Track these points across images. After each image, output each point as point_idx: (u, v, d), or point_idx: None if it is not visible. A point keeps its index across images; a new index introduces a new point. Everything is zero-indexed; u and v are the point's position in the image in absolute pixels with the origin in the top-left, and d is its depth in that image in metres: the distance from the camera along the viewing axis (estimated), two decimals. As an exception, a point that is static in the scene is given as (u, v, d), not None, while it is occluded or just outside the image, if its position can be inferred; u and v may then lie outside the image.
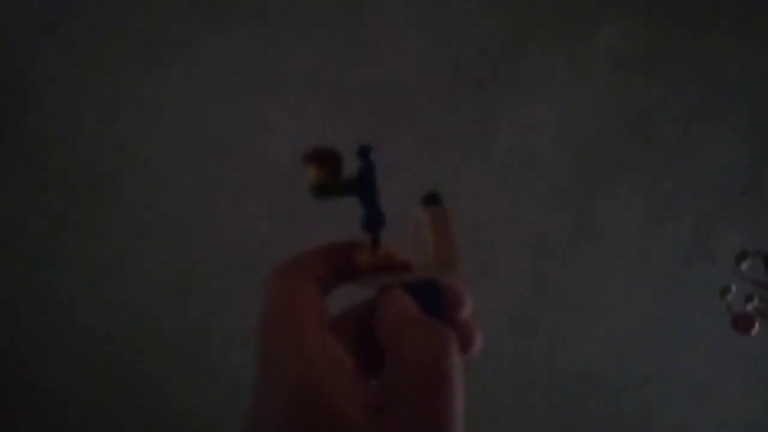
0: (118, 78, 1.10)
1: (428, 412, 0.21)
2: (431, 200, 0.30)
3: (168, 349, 1.23)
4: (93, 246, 1.17)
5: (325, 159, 0.28)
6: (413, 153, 1.12)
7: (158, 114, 1.12)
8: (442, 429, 0.21)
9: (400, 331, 0.25)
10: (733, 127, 1.12)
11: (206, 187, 1.15)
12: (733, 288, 0.80)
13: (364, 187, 0.28)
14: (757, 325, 0.75)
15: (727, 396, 1.24)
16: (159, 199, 1.16)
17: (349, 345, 0.28)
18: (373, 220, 0.29)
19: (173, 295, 1.20)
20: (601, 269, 1.18)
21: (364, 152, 0.29)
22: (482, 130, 1.12)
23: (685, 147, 1.13)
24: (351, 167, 0.29)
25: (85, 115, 1.11)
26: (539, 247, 1.17)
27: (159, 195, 1.15)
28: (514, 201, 1.15)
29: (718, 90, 1.11)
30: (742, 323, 0.76)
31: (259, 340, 0.24)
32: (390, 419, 0.21)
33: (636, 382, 1.24)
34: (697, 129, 1.12)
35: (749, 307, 0.78)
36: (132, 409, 1.26)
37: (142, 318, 1.21)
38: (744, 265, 0.79)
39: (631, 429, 1.26)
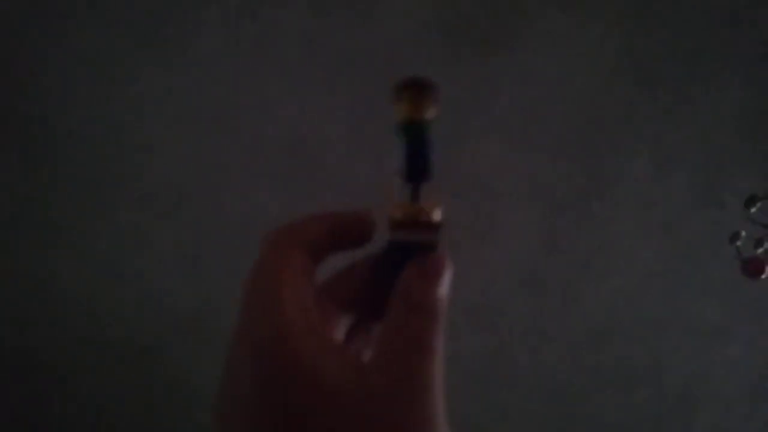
0: (118, 61, 1.09)
1: (409, 375, 0.22)
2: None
3: (178, 328, 1.25)
4: (98, 227, 1.18)
5: (421, 91, 0.26)
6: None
7: (156, 91, 1.11)
8: (420, 390, 0.21)
9: (399, 305, 0.24)
10: (738, 68, 1.09)
11: (208, 165, 1.15)
12: (743, 233, 0.79)
13: (419, 131, 0.26)
14: (767, 268, 0.75)
15: (739, 341, 1.25)
16: (161, 178, 1.16)
17: (347, 304, 0.28)
18: (423, 172, 0.27)
19: (181, 274, 1.21)
20: (610, 221, 1.18)
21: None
22: (483, 86, 1.10)
23: (689, 91, 1.10)
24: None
25: (84, 94, 1.11)
26: (547, 202, 1.16)
27: (161, 173, 1.15)
28: (519, 157, 1.14)
29: (720, 30, 1.08)
30: (752, 267, 0.76)
31: (240, 297, 0.24)
32: (368, 378, 0.21)
33: (647, 332, 1.25)
34: (702, 72, 1.10)
35: (759, 250, 0.77)
36: (143, 387, 1.29)
37: (151, 298, 1.22)
38: (753, 209, 0.78)
39: (643, 378, 1.28)
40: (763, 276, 0.76)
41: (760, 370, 1.27)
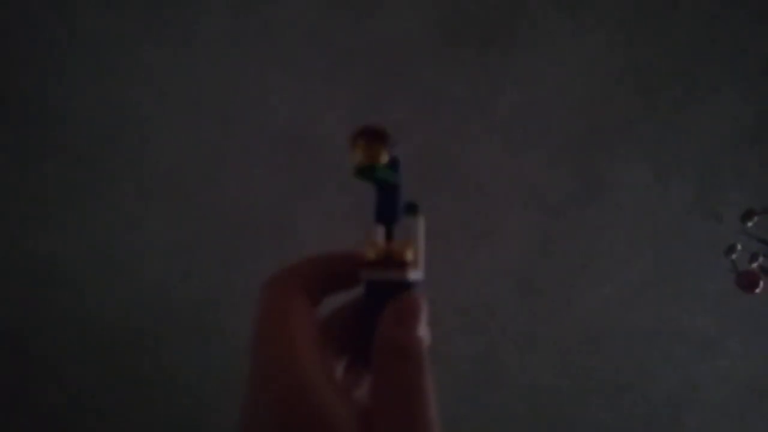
0: (117, 44, 1.08)
1: (407, 422, 0.23)
2: (409, 210, 0.29)
3: (171, 316, 1.24)
4: (95, 212, 1.18)
5: (374, 138, 0.27)
6: (415, 113, 1.10)
7: (158, 78, 1.10)
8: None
9: (384, 353, 0.25)
10: (739, 80, 1.09)
11: (208, 152, 1.14)
12: (739, 246, 0.79)
13: (372, 175, 0.27)
14: (761, 283, 0.75)
15: (729, 352, 1.25)
16: (160, 164, 1.15)
17: (341, 343, 0.29)
18: (389, 214, 0.29)
19: (178, 259, 1.20)
20: (605, 228, 1.18)
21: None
22: (484, 88, 1.10)
23: (689, 102, 1.10)
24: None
25: (86, 81, 1.10)
26: (543, 206, 1.16)
27: (160, 160, 1.15)
28: (517, 160, 1.14)
29: (721, 44, 1.08)
30: (746, 281, 0.76)
31: (251, 358, 0.25)
32: (375, 429, 0.23)
33: (638, 339, 1.25)
34: (702, 82, 1.10)
35: (754, 264, 0.78)
36: (138, 374, 1.29)
37: (146, 281, 1.22)
38: (750, 224, 0.78)
39: (634, 385, 1.28)
40: (757, 290, 0.76)
41: (747, 381, 1.27)
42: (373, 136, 0.27)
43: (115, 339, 1.26)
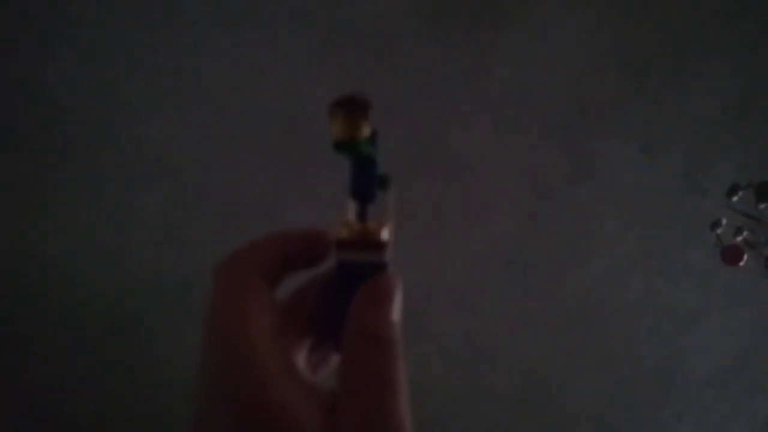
0: (101, 27, 1.06)
1: (376, 417, 0.22)
2: (382, 184, 0.28)
3: (161, 301, 1.25)
4: (84, 196, 1.17)
5: (355, 109, 0.25)
6: (404, 93, 1.10)
7: (143, 61, 1.09)
8: (390, 428, 0.22)
9: (356, 340, 0.24)
10: (727, 56, 1.10)
11: (196, 135, 1.13)
12: (724, 220, 0.81)
13: (353, 149, 0.26)
14: (745, 256, 0.76)
15: (714, 326, 1.28)
16: (148, 148, 1.14)
17: (306, 323, 0.27)
18: (366, 191, 0.27)
19: (167, 244, 1.20)
20: (594, 205, 1.19)
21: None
22: (473, 67, 1.10)
23: (677, 78, 1.11)
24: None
25: (70, 65, 1.08)
26: (533, 185, 1.17)
27: (148, 144, 1.14)
28: (507, 139, 1.14)
29: (710, 21, 1.08)
30: (731, 255, 0.78)
31: (203, 349, 0.23)
32: (339, 425, 0.22)
33: (626, 315, 1.27)
34: (691, 59, 1.10)
35: (738, 239, 0.79)
36: (127, 358, 1.29)
37: (136, 267, 1.22)
38: (735, 198, 0.80)
39: (622, 358, 1.31)
40: (741, 264, 0.78)
41: (732, 353, 1.30)
42: (354, 107, 0.25)
43: (104, 326, 1.26)
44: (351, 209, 0.27)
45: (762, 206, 0.75)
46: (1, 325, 1.26)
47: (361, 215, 0.27)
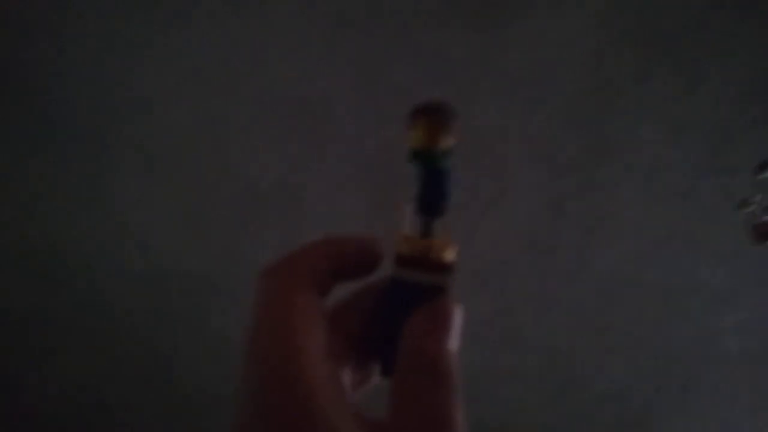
0: (115, 18, 1.07)
1: None
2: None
3: (182, 289, 1.26)
4: (100, 186, 1.19)
5: (438, 117, 0.23)
6: (421, 74, 1.09)
7: (157, 51, 1.09)
8: None
9: (412, 368, 0.22)
10: (749, 34, 1.06)
11: (212, 124, 1.14)
12: (757, 198, 0.78)
13: (432, 162, 0.24)
14: (776, 234, 0.74)
15: (745, 305, 1.25)
16: (164, 138, 1.15)
17: (350, 341, 0.26)
18: (437, 205, 0.25)
19: (186, 234, 1.22)
20: (617, 186, 1.17)
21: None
22: (490, 47, 1.08)
23: (700, 56, 1.08)
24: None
25: (84, 58, 1.09)
26: (554, 166, 1.15)
27: (164, 133, 1.15)
28: (526, 120, 1.12)
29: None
30: (761, 232, 0.76)
31: (246, 365, 0.21)
32: None
33: (654, 296, 1.25)
34: (713, 37, 1.07)
35: (767, 217, 0.77)
36: (144, 348, 1.32)
37: (154, 258, 1.24)
38: (766, 175, 0.77)
39: (650, 340, 1.29)
40: (771, 242, 0.76)
41: (762, 334, 1.27)
42: (436, 114, 0.24)
43: (126, 316, 1.28)
44: (412, 222, 0.25)
45: (793, 182, 0.73)
46: (16, 314, 1.29)
47: (425, 232, 0.25)
